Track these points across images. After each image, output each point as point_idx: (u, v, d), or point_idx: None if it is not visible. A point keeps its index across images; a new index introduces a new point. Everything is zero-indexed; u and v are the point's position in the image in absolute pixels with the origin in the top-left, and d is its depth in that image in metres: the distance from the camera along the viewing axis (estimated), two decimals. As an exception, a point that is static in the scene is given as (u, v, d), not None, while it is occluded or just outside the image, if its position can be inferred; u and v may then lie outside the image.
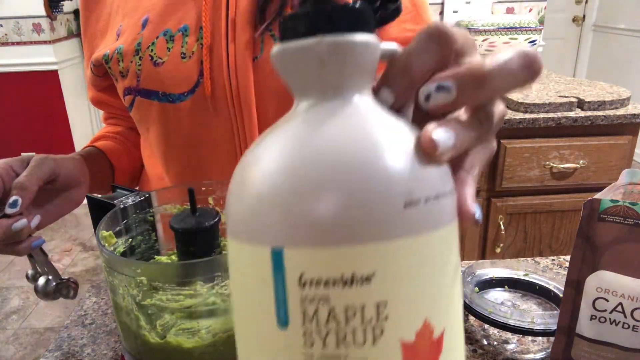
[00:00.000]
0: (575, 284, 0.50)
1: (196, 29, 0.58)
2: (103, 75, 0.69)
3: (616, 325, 0.48)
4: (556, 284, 0.66)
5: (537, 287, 0.68)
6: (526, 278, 0.69)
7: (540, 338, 0.61)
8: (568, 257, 0.57)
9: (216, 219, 0.47)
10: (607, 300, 0.48)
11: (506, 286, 0.69)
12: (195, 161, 0.65)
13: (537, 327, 0.58)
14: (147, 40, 0.59)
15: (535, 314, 0.58)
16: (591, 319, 0.49)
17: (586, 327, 0.50)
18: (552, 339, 0.55)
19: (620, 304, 0.47)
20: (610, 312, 0.48)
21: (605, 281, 0.48)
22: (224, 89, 0.59)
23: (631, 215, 0.46)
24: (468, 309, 0.61)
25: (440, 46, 0.23)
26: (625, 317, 0.48)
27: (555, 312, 0.58)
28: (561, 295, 0.62)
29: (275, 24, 0.58)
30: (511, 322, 0.58)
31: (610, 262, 0.47)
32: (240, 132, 0.61)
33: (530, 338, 0.62)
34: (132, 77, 0.61)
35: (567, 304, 0.51)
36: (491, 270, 0.70)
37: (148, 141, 0.69)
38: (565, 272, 0.51)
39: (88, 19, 0.69)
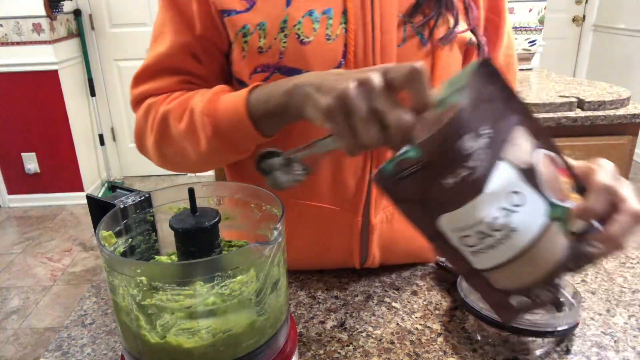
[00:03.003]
0: (436, 238, 0.46)
1: (338, 14, 0.62)
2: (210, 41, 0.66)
3: (494, 248, 0.45)
4: (556, 284, 0.66)
5: (537, 287, 0.68)
6: (526, 278, 0.68)
7: (540, 338, 0.61)
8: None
9: (216, 219, 0.47)
10: (469, 236, 0.45)
11: (506, 286, 0.69)
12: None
13: (537, 327, 0.58)
14: (293, 18, 0.61)
15: (535, 314, 0.58)
16: (473, 254, 0.46)
17: (478, 261, 0.47)
18: (551, 339, 0.55)
19: (479, 231, 0.44)
20: (481, 241, 0.45)
21: (450, 223, 0.45)
22: None
23: (412, 164, 0.42)
24: (468, 309, 0.61)
25: None
26: (493, 238, 0.44)
27: (555, 312, 0.58)
28: (561, 296, 0.62)
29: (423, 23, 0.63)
30: (511, 322, 0.58)
31: (436, 209, 0.45)
32: None
33: (530, 338, 0.62)
34: (274, 54, 0.62)
35: (448, 255, 0.47)
36: (491, 270, 0.69)
37: None
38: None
39: None
